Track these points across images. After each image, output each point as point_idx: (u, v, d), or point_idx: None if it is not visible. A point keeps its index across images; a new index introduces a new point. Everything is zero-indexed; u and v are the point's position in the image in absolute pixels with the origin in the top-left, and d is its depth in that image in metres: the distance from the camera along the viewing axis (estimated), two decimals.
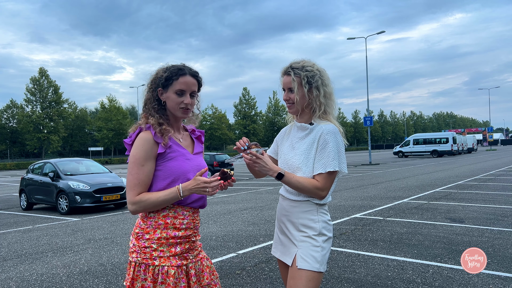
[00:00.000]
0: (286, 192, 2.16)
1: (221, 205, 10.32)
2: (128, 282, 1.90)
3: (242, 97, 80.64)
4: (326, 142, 2.05)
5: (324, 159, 2.04)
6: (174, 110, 1.97)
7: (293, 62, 2.17)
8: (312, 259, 2.01)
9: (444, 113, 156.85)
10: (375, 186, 13.71)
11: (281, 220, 2.18)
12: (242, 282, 4.37)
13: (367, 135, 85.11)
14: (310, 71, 2.11)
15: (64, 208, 10.47)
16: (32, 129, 58.77)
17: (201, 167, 2.01)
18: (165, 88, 1.97)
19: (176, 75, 1.95)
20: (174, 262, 1.89)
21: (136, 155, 1.89)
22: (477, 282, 4.07)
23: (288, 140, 2.24)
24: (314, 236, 2.05)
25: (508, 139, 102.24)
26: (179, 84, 1.94)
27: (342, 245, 5.74)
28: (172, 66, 2.01)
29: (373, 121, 40.36)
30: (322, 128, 2.08)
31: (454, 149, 39.71)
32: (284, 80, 2.15)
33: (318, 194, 2.04)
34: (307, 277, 1.99)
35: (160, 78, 1.97)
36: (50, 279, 4.80)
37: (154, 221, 1.90)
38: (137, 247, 1.90)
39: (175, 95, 1.95)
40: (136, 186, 1.87)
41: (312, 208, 2.08)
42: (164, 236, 1.89)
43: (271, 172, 2.01)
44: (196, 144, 2.10)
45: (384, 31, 30.17)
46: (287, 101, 2.16)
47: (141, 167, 1.87)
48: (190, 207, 1.96)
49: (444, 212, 8.09)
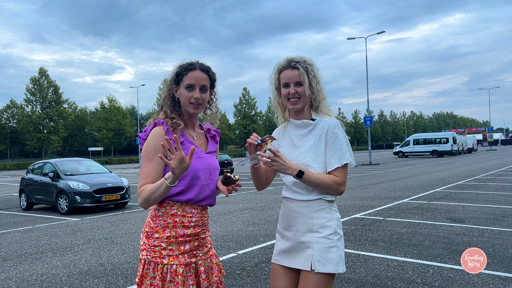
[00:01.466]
0: (294, 193, 2.04)
1: (221, 205, 10.31)
2: (138, 279, 1.92)
3: (242, 97, 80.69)
4: (336, 135, 2.00)
5: (338, 152, 1.99)
6: (185, 106, 1.97)
7: (292, 57, 2.07)
8: (330, 261, 1.94)
9: (444, 113, 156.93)
10: (375, 186, 13.71)
11: (291, 224, 2.03)
12: (242, 282, 4.37)
13: (367, 135, 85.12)
14: (312, 65, 2.06)
15: (64, 208, 10.46)
16: (32, 129, 58.78)
17: (212, 166, 2.01)
18: (178, 84, 1.98)
19: (186, 70, 1.96)
20: (183, 260, 1.90)
21: (146, 149, 1.90)
22: (477, 282, 4.07)
23: (285, 140, 2.14)
24: (329, 236, 1.96)
25: (508, 139, 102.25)
26: (188, 79, 1.95)
27: None
28: (185, 62, 2.01)
29: (373, 121, 40.36)
30: (327, 122, 2.02)
31: (454, 149, 39.71)
32: (289, 74, 2.02)
33: (338, 190, 1.98)
34: (325, 280, 1.93)
35: (174, 75, 2.00)
36: (50, 279, 4.80)
37: (163, 220, 1.91)
38: (147, 245, 1.92)
39: (185, 90, 1.96)
40: (142, 179, 1.88)
41: (325, 206, 2.00)
42: (173, 234, 1.90)
43: (290, 170, 1.92)
44: (210, 143, 2.10)
45: (384, 31, 30.17)
46: (293, 96, 2.02)
47: (150, 161, 1.88)
48: (198, 205, 1.97)
49: (444, 212, 8.09)
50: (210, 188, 1.99)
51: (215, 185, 2.04)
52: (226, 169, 21.72)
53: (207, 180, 1.97)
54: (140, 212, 10.04)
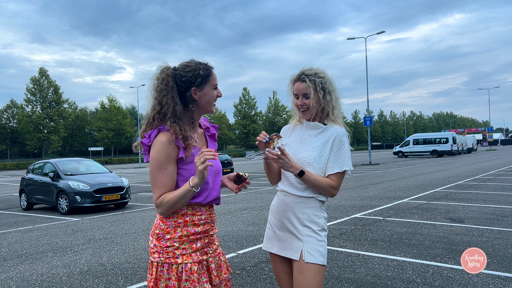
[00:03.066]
0: (291, 187, 2.19)
1: (221, 205, 10.30)
2: (151, 283, 1.91)
3: (242, 97, 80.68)
4: (342, 143, 2.18)
5: (341, 158, 2.16)
6: (208, 105, 1.99)
7: (305, 70, 2.23)
8: (318, 253, 2.11)
9: (444, 113, 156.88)
10: (375, 186, 13.71)
11: (283, 215, 2.21)
12: (242, 282, 4.38)
13: (367, 135, 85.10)
14: (323, 77, 2.20)
15: (64, 208, 10.47)
16: (32, 129, 58.76)
17: (217, 169, 2.03)
18: (201, 85, 1.94)
19: (209, 70, 1.97)
20: (196, 258, 1.92)
21: (158, 159, 1.87)
22: (477, 282, 4.07)
23: (294, 136, 2.29)
24: (318, 231, 2.15)
25: (508, 139, 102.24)
26: (215, 79, 1.99)
27: (342, 245, 5.74)
28: (198, 63, 1.97)
29: (373, 121, 40.34)
30: (337, 130, 2.19)
31: (454, 149, 39.71)
32: (299, 87, 2.20)
33: (331, 192, 2.16)
34: (315, 270, 2.09)
35: (194, 77, 1.92)
36: (50, 279, 4.80)
37: (173, 220, 1.92)
38: (159, 248, 1.92)
39: (213, 90, 1.98)
40: (160, 189, 1.87)
41: (316, 205, 2.17)
42: (185, 233, 1.92)
43: (293, 169, 2.09)
44: (210, 144, 2.12)
45: (384, 31, 30.18)
46: (302, 107, 2.21)
47: (165, 171, 1.87)
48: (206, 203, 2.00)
49: (444, 212, 8.09)
50: (216, 190, 2.03)
51: (220, 185, 2.08)
52: (226, 169, 21.71)
53: (213, 183, 2.01)
54: (140, 212, 10.04)
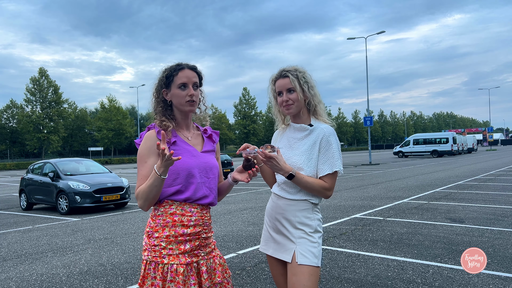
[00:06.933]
0: (282, 191, 2.20)
1: (221, 205, 10.31)
2: (140, 280, 1.93)
3: (242, 97, 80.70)
4: (330, 144, 2.16)
5: (330, 160, 2.14)
6: (181, 105, 2.00)
7: (284, 67, 2.24)
8: (311, 254, 2.11)
9: (444, 113, 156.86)
10: (375, 186, 13.71)
11: (276, 218, 2.22)
12: (242, 282, 4.37)
13: (367, 135, 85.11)
14: (304, 72, 2.21)
15: (64, 208, 10.46)
16: (32, 129, 58.74)
17: (209, 164, 2.03)
18: (168, 86, 2.01)
19: (175, 70, 2.00)
20: (184, 260, 1.91)
21: (140, 153, 1.96)
22: (477, 282, 4.07)
23: (283, 141, 2.30)
24: (310, 233, 2.15)
25: (508, 139, 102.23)
26: (180, 78, 1.98)
27: (342, 245, 5.73)
28: (170, 65, 2.05)
29: (373, 121, 40.36)
30: (323, 131, 2.17)
31: (454, 149, 39.70)
32: (281, 83, 2.19)
33: (325, 194, 2.15)
34: (309, 272, 2.08)
35: (161, 80, 2.03)
36: (50, 279, 4.80)
37: (162, 219, 1.93)
38: (148, 245, 1.94)
39: (179, 90, 1.99)
40: (139, 182, 1.94)
41: (308, 207, 2.17)
42: (172, 234, 1.91)
43: (282, 172, 2.08)
44: (206, 143, 2.12)
45: (384, 31, 30.17)
46: (286, 102, 2.18)
47: (144, 164, 1.94)
48: (198, 203, 1.98)
49: (444, 212, 8.09)
50: (207, 186, 2.00)
51: (215, 184, 2.06)
52: (226, 169, 21.70)
53: (203, 178, 1.99)
54: (140, 212, 10.04)
